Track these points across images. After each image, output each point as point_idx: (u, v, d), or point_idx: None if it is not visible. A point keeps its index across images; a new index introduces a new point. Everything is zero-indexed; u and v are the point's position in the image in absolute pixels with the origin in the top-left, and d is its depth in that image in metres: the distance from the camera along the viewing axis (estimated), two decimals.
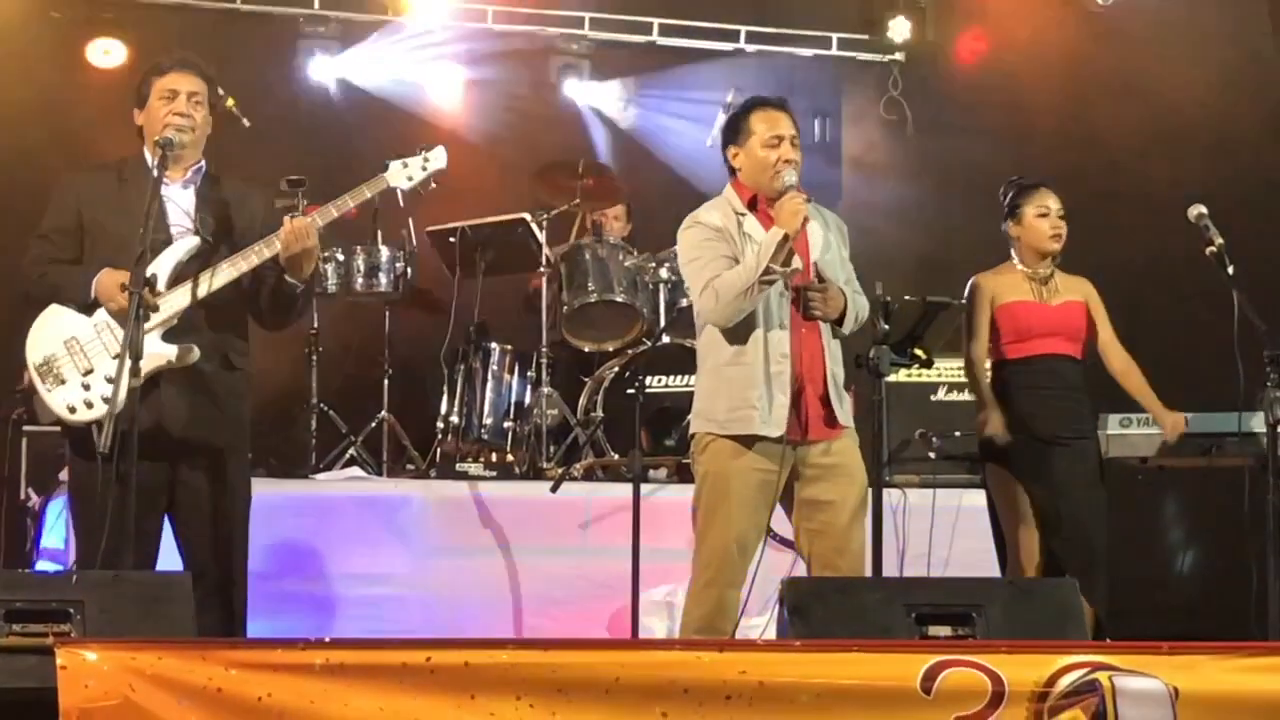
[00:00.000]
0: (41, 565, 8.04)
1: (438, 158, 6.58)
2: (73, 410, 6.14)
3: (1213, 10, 11.34)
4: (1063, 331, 7.55)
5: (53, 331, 6.20)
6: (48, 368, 6.17)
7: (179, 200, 6.30)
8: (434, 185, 6.63)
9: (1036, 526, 7.40)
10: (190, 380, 6.19)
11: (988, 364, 7.66)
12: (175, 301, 6.14)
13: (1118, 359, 7.70)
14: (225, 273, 6.20)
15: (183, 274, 6.18)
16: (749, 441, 6.39)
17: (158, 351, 6.05)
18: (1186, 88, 11.20)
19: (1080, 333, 7.60)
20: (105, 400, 5.98)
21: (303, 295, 6.41)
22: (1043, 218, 7.59)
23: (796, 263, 6.34)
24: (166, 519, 6.28)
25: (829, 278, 6.45)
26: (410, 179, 6.53)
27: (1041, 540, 7.40)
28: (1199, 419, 8.11)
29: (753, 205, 6.55)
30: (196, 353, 6.15)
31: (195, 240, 6.23)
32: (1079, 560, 7.30)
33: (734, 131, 6.63)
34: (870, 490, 6.49)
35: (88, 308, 6.19)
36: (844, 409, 6.53)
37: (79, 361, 6.15)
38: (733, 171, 6.65)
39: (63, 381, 6.16)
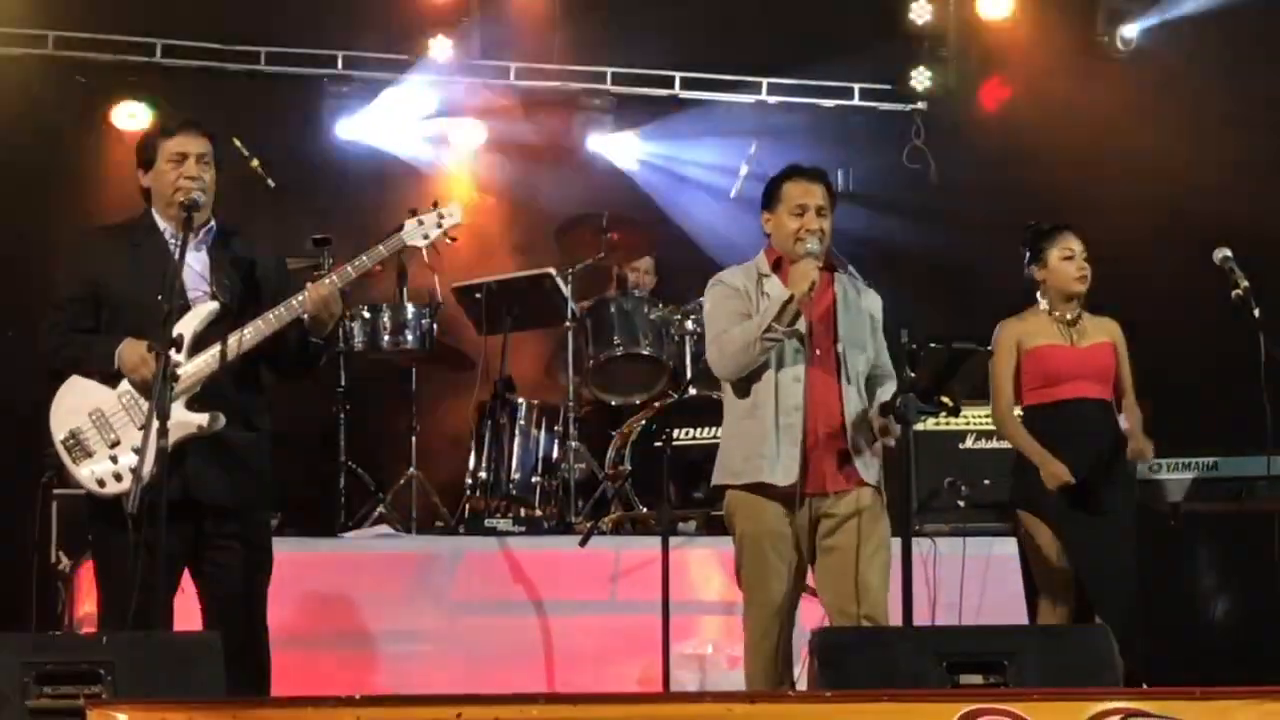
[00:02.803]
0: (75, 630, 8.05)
1: (453, 213, 6.57)
2: (101, 484, 6.12)
3: (1236, 53, 11.35)
4: (1091, 374, 7.53)
5: (77, 404, 6.17)
6: (74, 441, 6.14)
7: (193, 264, 6.25)
8: (450, 240, 6.64)
9: (1069, 572, 7.37)
10: (215, 445, 6.16)
11: (1018, 412, 7.65)
12: (198, 368, 6.13)
13: (1125, 407, 7.67)
14: (249, 338, 6.18)
15: (203, 340, 6.15)
16: (764, 491, 6.53)
17: (184, 420, 6.02)
18: (1210, 131, 11.21)
19: (1109, 374, 7.58)
20: (134, 471, 5.91)
21: (327, 349, 6.44)
22: (1068, 260, 7.59)
23: (802, 326, 6.50)
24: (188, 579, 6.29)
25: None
26: (427, 236, 6.53)
27: (1073, 586, 7.37)
28: (1228, 463, 8.09)
29: (777, 267, 6.71)
30: (223, 420, 6.12)
31: (214, 305, 6.20)
32: (1113, 605, 7.27)
33: (768, 197, 6.81)
34: (899, 539, 6.51)
35: (111, 379, 6.16)
36: (868, 467, 6.61)
37: (105, 434, 6.13)
38: (767, 236, 6.81)
39: (90, 454, 6.13)
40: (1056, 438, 7.48)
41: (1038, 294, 7.66)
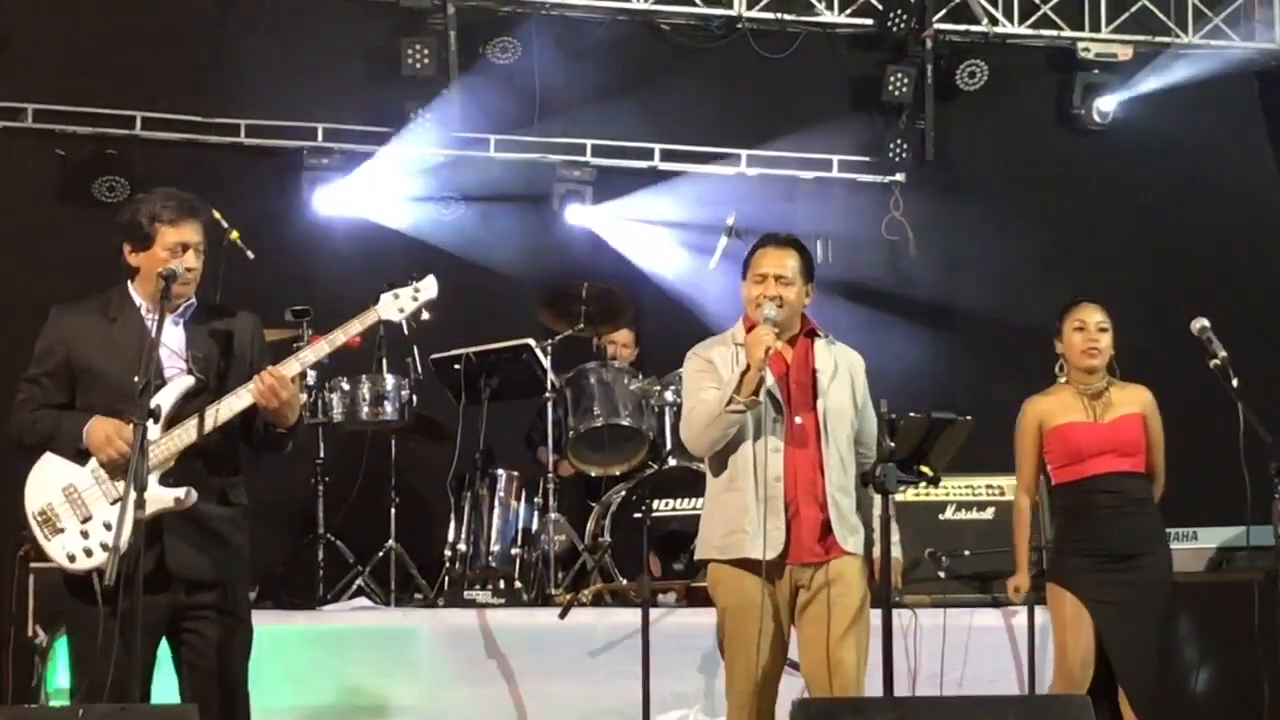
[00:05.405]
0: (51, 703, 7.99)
1: (428, 287, 6.48)
2: (72, 559, 6.08)
3: (1211, 126, 11.43)
4: (1116, 449, 7.48)
5: (49, 480, 6.14)
6: (45, 517, 6.11)
7: (169, 339, 6.21)
8: (426, 316, 6.56)
9: (1090, 647, 7.33)
10: (190, 520, 6.11)
11: (1029, 504, 7.64)
12: (172, 443, 6.09)
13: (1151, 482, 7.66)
14: (223, 412, 6.13)
15: (178, 415, 6.11)
16: (747, 565, 6.48)
17: (158, 495, 5.98)
18: (1186, 203, 11.29)
19: (1137, 446, 7.53)
20: (105, 548, 5.92)
21: (292, 436, 6.35)
22: (1079, 331, 7.57)
23: (774, 389, 6.47)
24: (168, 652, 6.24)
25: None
26: (402, 310, 6.43)
27: (1099, 657, 7.32)
28: (1207, 533, 8.08)
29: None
30: (195, 496, 6.08)
31: (190, 380, 6.17)
32: (1134, 681, 7.25)
33: (744, 268, 6.79)
34: (880, 610, 6.48)
35: (82, 455, 6.12)
36: (852, 536, 6.56)
37: (77, 509, 6.09)
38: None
39: (61, 530, 6.09)
40: (1082, 514, 7.47)
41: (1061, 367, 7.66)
